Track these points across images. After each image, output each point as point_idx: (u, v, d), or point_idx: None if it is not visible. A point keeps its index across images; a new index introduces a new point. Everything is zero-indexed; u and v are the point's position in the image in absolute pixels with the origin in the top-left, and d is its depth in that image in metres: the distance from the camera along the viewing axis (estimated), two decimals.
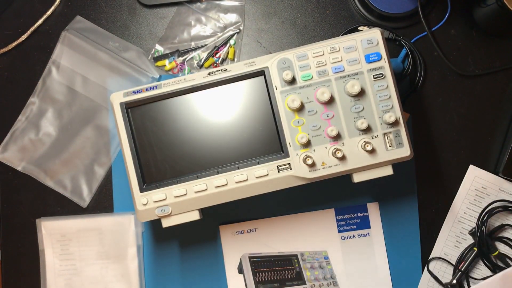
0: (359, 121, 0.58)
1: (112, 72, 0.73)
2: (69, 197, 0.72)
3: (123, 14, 0.75)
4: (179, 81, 0.61)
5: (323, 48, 0.59)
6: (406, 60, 0.72)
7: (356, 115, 0.59)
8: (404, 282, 0.70)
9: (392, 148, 0.59)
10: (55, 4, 0.74)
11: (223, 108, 0.61)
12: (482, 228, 0.69)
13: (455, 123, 0.72)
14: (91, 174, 0.72)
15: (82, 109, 0.73)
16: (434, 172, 0.72)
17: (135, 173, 0.60)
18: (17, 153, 0.73)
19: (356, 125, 0.59)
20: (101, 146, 0.73)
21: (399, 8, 0.72)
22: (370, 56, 0.59)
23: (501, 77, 0.73)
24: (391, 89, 0.59)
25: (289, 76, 0.58)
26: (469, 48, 0.73)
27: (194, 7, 0.74)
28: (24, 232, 0.73)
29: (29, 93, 0.73)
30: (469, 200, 0.71)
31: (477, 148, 0.72)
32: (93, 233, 0.71)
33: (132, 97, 0.60)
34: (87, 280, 0.71)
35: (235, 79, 0.60)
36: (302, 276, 0.69)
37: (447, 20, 0.73)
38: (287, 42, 0.74)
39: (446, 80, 0.73)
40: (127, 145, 0.60)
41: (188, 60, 0.74)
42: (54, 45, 0.73)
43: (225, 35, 0.74)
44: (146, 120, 0.60)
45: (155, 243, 0.72)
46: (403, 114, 0.59)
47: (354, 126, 0.59)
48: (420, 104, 0.72)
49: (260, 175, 0.60)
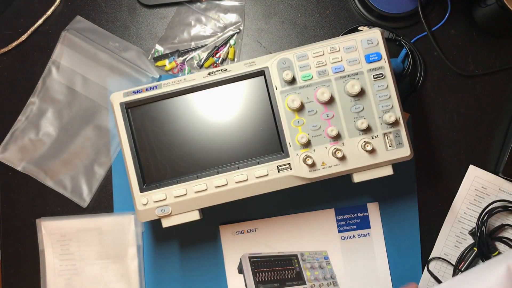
0: (359, 121, 0.58)
1: (112, 72, 0.73)
2: (69, 197, 0.72)
3: (123, 14, 0.75)
4: (179, 81, 0.61)
5: (323, 48, 0.59)
6: (406, 60, 0.72)
7: (356, 115, 0.59)
8: (404, 282, 0.70)
9: (392, 148, 0.59)
10: (55, 4, 0.74)
11: (223, 108, 0.61)
12: (482, 228, 0.69)
13: (455, 123, 0.72)
14: (91, 174, 0.72)
15: (82, 109, 0.73)
16: (434, 172, 0.72)
17: (135, 173, 0.60)
18: (17, 153, 0.73)
19: (356, 125, 0.59)
20: (101, 146, 0.73)
21: (399, 8, 0.72)
22: (370, 56, 0.59)
23: (501, 77, 0.73)
24: (391, 89, 0.59)
25: (289, 76, 0.58)
26: (469, 48, 0.73)
27: (194, 7, 0.74)
28: (24, 232, 0.73)
29: (29, 93, 0.73)
30: (469, 200, 0.71)
31: (477, 148, 0.72)
32: (93, 233, 0.71)
33: (132, 97, 0.60)
34: (87, 280, 0.71)
35: (235, 79, 0.60)
36: (302, 276, 0.69)
37: (447, 20, 0.73)
38: (287, 42, 0.74)
39: (446, 80, 0.73)
40: (127, 145, 0.60)
41: (188, 60, 0.74)
42: (54, 45, 0.73)
43: (225, 35, 0.74)
44: (146, 120, 0.60)
45: (155, 243, 0.72)
46: (403, 114, 0.59)
47: (354, 126, 0.59)
48: (420, 104, 0.72)
49: (260, 175, 0.60)
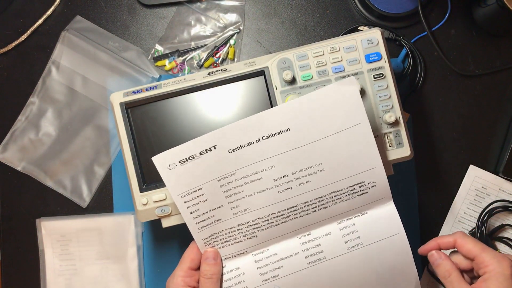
0: None
1: (112, 72, 0.73)
2: (69, 197, 0.72)
3: (123, 14, 0.75)
4: (179, 81, 0.60)
5: (323, 48, 0.59)
6: (406, 60, 0.72)
7: None
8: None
9: (392, 148, 0.59)
10: (55, 4, 0.74)
11: (223, 108, 0.61)
12: (482, 228, 0.69)
13: (455, 123, 0.72)
14: (91, 174, 0.72)
15: (82, 109, 0.73)
16: (434, 172, 0.72)
17: (135, 173, 0.60)
18: (17, 153, 0.73)
19: None
20: (101, 146, 0.73)
21: (399, 8, 0.72)
22: (370, 56, 0.59)
23: (501, 77, 0.73)
24: (391, 89, 0.59)
25: (289, 76, 0.58)
26: (469, 48, 0.73)
27: (194, 7, 0.74)
28: (24, 232, 0.73)
29: (29, 93, 0.73)
30: (469, 200, 0.71)
31: (477, 148, 0.72)
32: (93, 233, 0.71)
33: (132, 97, 0.60)
34: (87, 280, 0.71)
35: (235, 79, 0.60)
36: None
37: (447, 20, 0.73)
38: (287, 42, 0.74)
39: (446, 80, 0.73)
40: (127, 145, 0.60)
41: (188, 60, 0.74)
42: (54, 45, 0.73)
43: (225, 35, 0.74)
44: (146, 120, 0.60)
45: (155, 243, 0.72)
46: (403, 114, 0.59)
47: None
48: (420, 104, 0.72)
49: None
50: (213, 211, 0.54)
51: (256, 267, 0.55)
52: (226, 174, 0.52)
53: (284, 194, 0.53)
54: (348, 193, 0.54)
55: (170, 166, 0.52)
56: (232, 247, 0.55)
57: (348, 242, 0.55)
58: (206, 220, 0.54)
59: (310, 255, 0.55)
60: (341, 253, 0.54)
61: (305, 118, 0.51)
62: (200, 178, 0.52)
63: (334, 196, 0.54)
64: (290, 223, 0.54)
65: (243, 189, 0.53)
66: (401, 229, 0.54)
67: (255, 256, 0.55)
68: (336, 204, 0.54)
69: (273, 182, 0.53)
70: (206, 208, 0.54)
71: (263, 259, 0.55)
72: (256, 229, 0.54)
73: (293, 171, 0.52)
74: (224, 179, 0.53)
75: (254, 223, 0.54)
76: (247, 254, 0.56)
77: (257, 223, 0.54)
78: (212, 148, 0.51)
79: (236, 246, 0.55)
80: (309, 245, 0.55)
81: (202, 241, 0.55)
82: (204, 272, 0.54)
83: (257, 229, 0.54)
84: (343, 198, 0.54)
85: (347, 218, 0.55)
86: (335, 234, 0.55)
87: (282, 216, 0.54)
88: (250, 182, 0.53)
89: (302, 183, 0.53)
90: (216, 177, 0.53)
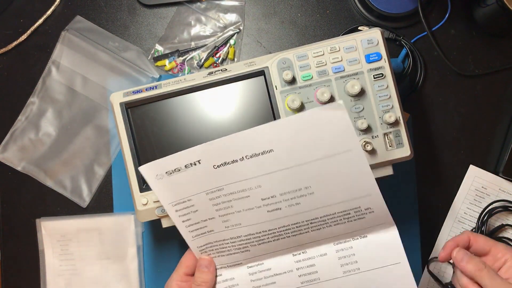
0: (359, 121, 0.58)
1: (112, 72, 0.73)
2: (69, 197, 0.72)
3: (123, 14, 0.75)
4: (179, 81, 0.60)
5: (323, 48, 0.59)
6: (406, 60, 0.72)
7: (356, 115, 0.59)
8: None
9: (392, 148, 0.59)
10: (55, 4, 0.74)
11: (223, 108, 0.60)
12: (482, 228, 0.69)
13: (455, 123, 0.72)
14: (91, 174, 0.72)
15: (82, 109, 0.73)
16: (434, 172, 0.72)
17: (135, 173, 0.60)
18: (17, 153, 0.73)
19: (356, 125, 0.59)
20: (101, 146, 0.73)
21: (399, 8, 0.72)
22: (370, 56, 0.59)
23: (501, 77, 0.73)
24: (391, 89, 0.59)
25: (289, 76, 0.58)
26: (469, 48, 0.73)
27: (194, 7, 0.74)
28: (24, 232, 0.73)
29: (29, 93, 0.73)
30: (469, 200, 0.71)
31: (477, 148, 0.72)
32: (93, 233, 0.71)
33: (132, 97, 0.60)
34: (87, 280, 0.71)
35: (235, 79, 0.60)
36: None
37: (447, 20, 0.73)
38: (287, 42, 0.74)
39: (446, 80, 0.73)
40: (127, 145, 0.60)
41: (188, 60, 0.74)
42: (54, 45, 0.73)
43: (225, 35, 0.74)
44: (146, 120, 0.60)
45: (155, 243, 0.72)
46: (403, 114, 0.59)
47: (354, 126, 0.59)
48: (420, 104, 0.72)
49: None
50: (205, 221, 0.52)
51: (250, 280, 0.54)
52: (214, 188, 0.51)
53: (274, 214, 0.51)
54: (343, 217, 0.52)
55: (158, 176, 0.50)
56: (226, 257, 0.55)
57: (345, 266, 0.53)
58: (200, 229, 0.53)
59: (304, 274, 0.53)
60: (336, 276, 0.53)
61: (289, 140, 0.48)
62: (189, 190, 0.51)
63: (327, 219, 0.52)
64: (283, 241, 0.53)
65: (232, 205, 0.51)
66: (404, 258, 0.51)
67: (250, 268, 0.55)
68: (331, 227, 0.52)
69: (261, 201, 0.51)
70: (198, 218, 0.52)
71: (257, 272, 0.54)
72: (248, 244, 0.53)
73: (280, 192, 0.50)
74: (212, 193, 0.51)
75: (246, 238, 0.53)
76: (242, 265, 0.55)
77: (249, 239, 0.53)
78: (197, 163, 0.49)
79: (230, 257, 0.54)
80: (303, 264, 0.53)
81: (197, 249, 0.55)
82: (196, 279, 0.54)
83: (249, 244, 0.53)
84: (338, 221, 0.52)
85: (344, 240, 0.53)
86: (331, 256, 0.53)
87: (274, 234, 0.52)
88: (238, 198, 0.51)
89: (291, 205, 0.51)
90: (204, 190, 0.51)
